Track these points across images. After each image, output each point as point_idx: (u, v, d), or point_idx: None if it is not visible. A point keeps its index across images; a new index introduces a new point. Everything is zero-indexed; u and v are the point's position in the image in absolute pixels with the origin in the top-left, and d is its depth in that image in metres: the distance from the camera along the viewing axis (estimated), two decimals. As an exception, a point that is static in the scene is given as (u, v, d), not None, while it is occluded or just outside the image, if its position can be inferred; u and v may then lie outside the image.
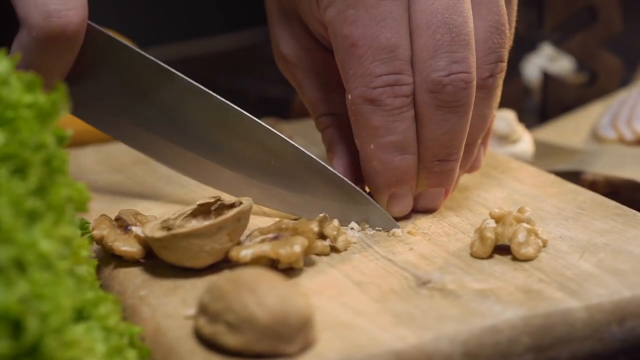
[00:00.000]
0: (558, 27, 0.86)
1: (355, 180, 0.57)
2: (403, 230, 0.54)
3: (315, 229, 0.49)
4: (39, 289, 0.35)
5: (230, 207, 0.51)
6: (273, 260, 0.48)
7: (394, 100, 0.53)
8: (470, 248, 0.50)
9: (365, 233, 0.54)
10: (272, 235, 0.49)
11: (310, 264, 0.50)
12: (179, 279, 0.48)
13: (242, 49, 1.29)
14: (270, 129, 0.56)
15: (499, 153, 0.69)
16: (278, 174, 0.56)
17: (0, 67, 0.39)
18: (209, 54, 1.29)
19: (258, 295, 0.40)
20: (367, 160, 0.55)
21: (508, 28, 0.55)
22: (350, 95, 0.53)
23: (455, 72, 0.52)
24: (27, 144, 0.37)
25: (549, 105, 0.88)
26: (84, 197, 0.41)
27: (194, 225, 0.48)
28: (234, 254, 0.48)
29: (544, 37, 0.88)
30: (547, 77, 0.88)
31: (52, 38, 0.53)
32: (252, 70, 1.16)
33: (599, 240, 0.52)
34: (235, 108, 0.56)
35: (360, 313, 0.44)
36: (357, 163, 0.57)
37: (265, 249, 0.48)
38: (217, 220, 0.48)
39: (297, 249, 0.47)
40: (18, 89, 0.40)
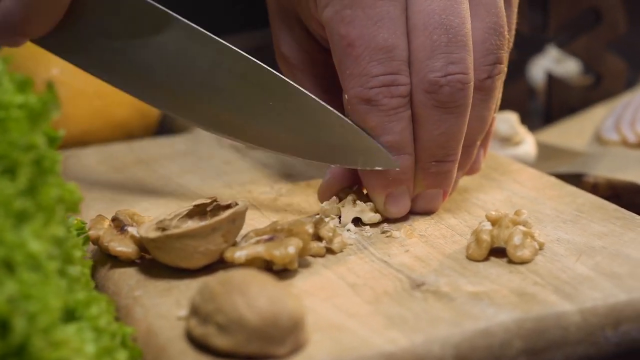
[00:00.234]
0: (562, 28, 0.85)
1: (353, 181, 0.57)
2: (400, 232, 0.54)
3: (310, 231, 0.49)
4: (27, 289, 0.35)
5: (226, 207, 0.50)
6: (267, 262, 0.48)
7: (391, 101, 0.53)
8: (466, 250, 0.50)
9: (362, 235, 0.53)
10: (267, 237, 0.49)
11: (305, 265, 0.49)
12: (174, 280, 0.48)
13: (250, 50, 1.29)
14: (270, 70, 0.55)
15: (501, 155, 0.69)
16: (278, 115, 0.55)
17: (-8, 67, 0.40)
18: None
19: (248, 297, 0.40)
20: None
21: (507, 30, 0.55)
22: (347, 95, 0.53)
23: (452, 72, 0.52)
24: (16, 145, 0.37)
25: (554, 107, 0.87)
26: (75, 197, 0.41)
27: (189, 226, 0.48)
28: (229, 255, 0.48)
29: (550, 39, 0.87)
30: (551, 79, 0.87)
31: None
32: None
33: (597, 244, 0.51)
34: (232, 48, 0.55)
35: (353, 315, 0.44)
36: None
37: (260, 251, 0.47)
38: (211, 221, 0.47)
39: (291, 251, 0.47)
40: (10, 90, 0.40)
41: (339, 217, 0.55)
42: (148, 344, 0.43)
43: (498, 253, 0.50)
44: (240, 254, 0.48)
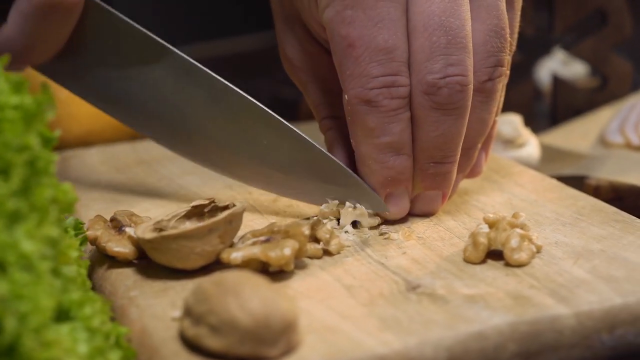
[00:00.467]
0: (568, 30, 0.85)
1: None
2: (398, 234, 0.54)
3: (307, 232, 0.49)
4: (19, 289, 0.36)
5: (224, 209, 0.51)
6: (264, 263, 0.48)
7: (390, 102, 0.53)
8: (464, 253, 0.50)
9: (360, 236, 0.53)
10: (263, 238, 0.49)
11: (302, 267, 0.49)
12: (170, 281, 0.48)
13: (258, 50, 1.29)
14: (263, 108, 0.56)
15: (503, 157, 0.69)
16: (270, 154, 0.56)
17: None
18: (226, 55, 1.29)
19: (241, 299, 0.40)
20: (362, 160, 0.55)
21: (509, 32, 0.55)
22: (347, 96, 0.53)
23: (451, 74, 0.52)
24: (10, 146, 0.38)
25: (559, 109, 0.87)
26: (70, 198, 0.41)
27: (186, 227, 0.48)
28: (225, 256, 0.48)
29: (555, 41, 0.87)
30: (557, 81, 0.87)
31: (51, 7, 0.54)
32: (267, 72, 1.16)
33: (595, 247, 0.51)
34: (226, 84, 0.56)
35: (347, 317, 0.44)
36: (354, 165, 0.57)
37: (256, 252, 0.48)
38: (207, 223, 0.48)
39: (287, 252, 0.47)
40: (5, 91, 0.40)
41: (338, 219, 0.55)
42: (142, 345, 0.43)
43: (495, 256, 0.50)
44: (237, 255, 0.48)
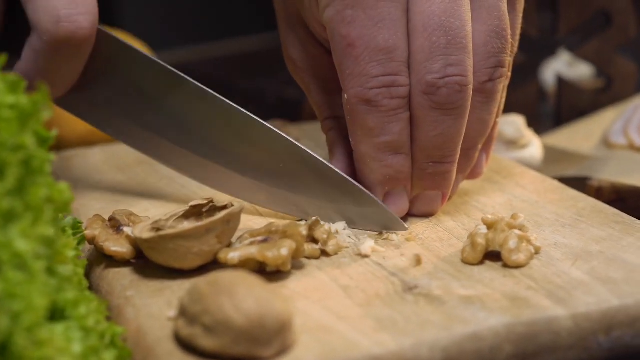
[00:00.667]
0: (572, 32, 0.85)
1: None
2: (397, 235, 0.53)
3: (304, 233, 0.49)
4: (12, 288, 0.36)
5: (222, 209, 0.51)
6: (261, 263, 0.48)
7: (390, 102, 0.53)
8: (462, 254, 0.50)
9: (358, 237, 0.53)
10: (261, 238, 0.49)
11: (300, 267, 0.49)
12: (167, 281, 0.48)
13: (263, 51, 1.29)
14: (277, 132, 0.56)
15: (506, 158, 0.68)
16: (286, 177, 0.56)
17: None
18: (232, 55, 1.29)
19: (235, 299, 0.40)
20: (361, 159, 0.55)
21: (510, 34, 0.55)
22: (347, 95, 0.53)
23: (450, 74, 0.52)
24: (5, 145, 0.38)
25: (563, 111, 0.87)
26: (66, 197, 0.41)
27: (184, 227, 0.48)
28: (222, 256, 0.48)
29: (560, 42, 0.87)
30: (561, 82, 0.87)
31: (62, 43, 0.54)
32: (271, 72, 1.17)
33: (594, 248, 0.51)
34: (243, 112, 0.56)
35: (343, 317, 0.44)
36: (354, 166, 0.57)
37: (253, 252, 0.47)
38: (204, 222, 0.48)
39: (284, 252, 0.47)
40: (1, 90, 0.40)
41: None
42: (137, 344, 0.43)
43: (494, 257, 0.50)
44: (234, 255, 0.48)
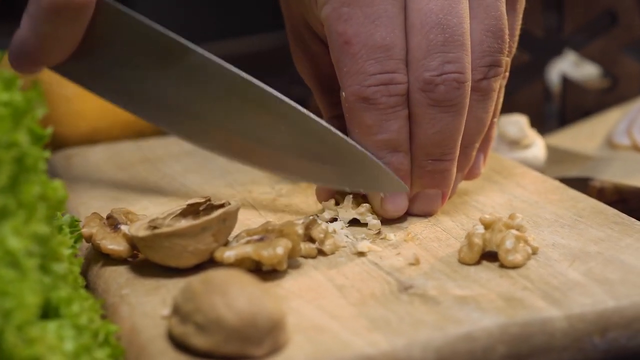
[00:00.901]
0: (577, 31, 0.85)
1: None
2: (394, 235, 0.53)
3: (300, 232, 0.49)
4: (3, 286, 0.36)
5: (219, 207, 0.51)
6: (257, 262, 0.48)
7: (388, 99, 0.52)
8: (458, 254, 0.50)
9: (355, 237, 0.53)
10: (257, 237, 0.49)
11: (296, 266, 0.49)
12: (163, 279, 0.48)
13: (272, 49, 1.29)
14: (281, 97, 0.55)
15: (507, 158, 0.68)
16: (288, 141, 0.56)
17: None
18: (240, 54, 1.29)
19: (227, 297, 0.40)
20: None
21: (507, 34, 0.55)
22: (345, 93, 0.53)
23: (448, 72, 0.52)
24: (-3, 142, 0.38)
25: (568, 111, 0.86)
26: (60, 195, 0.41)
27: (180, 225, 0.48)
28: (218, 255, 0.48)
29: (566, 41, 0.86)
30: (566, 82, 0.86)
31: (60, 8, 0.54)
32: (277, 71, 1.17)
33: (592, 249, 0.51)
34: (246, 78, 0.56)
35: (336, 317, 0.43)
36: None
37: (248, 251, 0.47)
38: (200, 221, 0.48)
39: (279, 251, 0.47)
40: (-4, 87, 0.40)
41: (336, 219, 0.55)
42: (131, 343, 0.43)
43: (491, 257, 0.50)
44: (230, 254, 0.48)
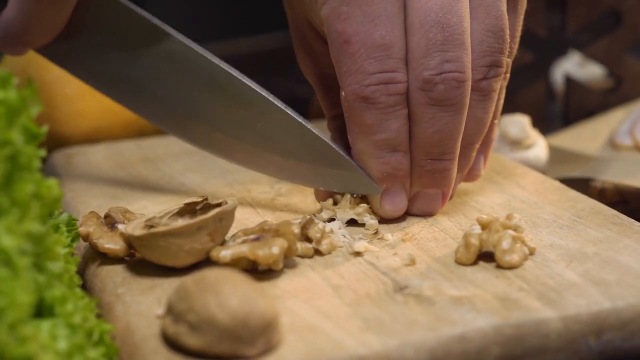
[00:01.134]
0: (581, 31, 0.84)
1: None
2: (392, 235, 0.53)
3: (296, 231, 0.49)
4: (-5, 284, 0.36)
5: (216, 206, 0.51)
6: (253, 262, 0.48)
7: (387, 99, 0.52)
8: (455, 254, 0.50)
9: (353, 237, 0.53)
10: (253, 237, 0.49)
11: (292, 266, 0.49)
12: (159, 278, 0.48)
13: (275, 49, 1.29)
14: (260, 92, 0.56)
15: (508, 158, 0.68)
16: (264, 137, 0.56)
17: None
18: (244, 54, 1.29)
19: (220, 297, 0.40)
20: (358, 156, 0.55)
21: (508, 34, 0.55)
22: (344, 92, 0.53)
23: (447, 71, 0.52)
24: (-10, 141, 0.38)
25: (571, 111, 0.86)
26: (54, 194, 0.41)
27: (177, 224, 0.48)
28: (214, 254, 0.48)
29: (569, 41, 0.86)
30: (569, 82, 0.86)
31: None
32: (280, 70, 1.17)
33: (590, 250, 0.50)
34: (225, 69, 0.56)
35: (330, 317, 0.43)
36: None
37: (244, 250, 0.47)
38: (196, 220, 0.48)
39: (275, 251, 0.47)
40: (-10, 86, 0.40)
41: (334, 218, 0.55)
42: (125, 342, 0.43)
43: (488, 257, 0.49)
44: (226, 254, 0.48)
